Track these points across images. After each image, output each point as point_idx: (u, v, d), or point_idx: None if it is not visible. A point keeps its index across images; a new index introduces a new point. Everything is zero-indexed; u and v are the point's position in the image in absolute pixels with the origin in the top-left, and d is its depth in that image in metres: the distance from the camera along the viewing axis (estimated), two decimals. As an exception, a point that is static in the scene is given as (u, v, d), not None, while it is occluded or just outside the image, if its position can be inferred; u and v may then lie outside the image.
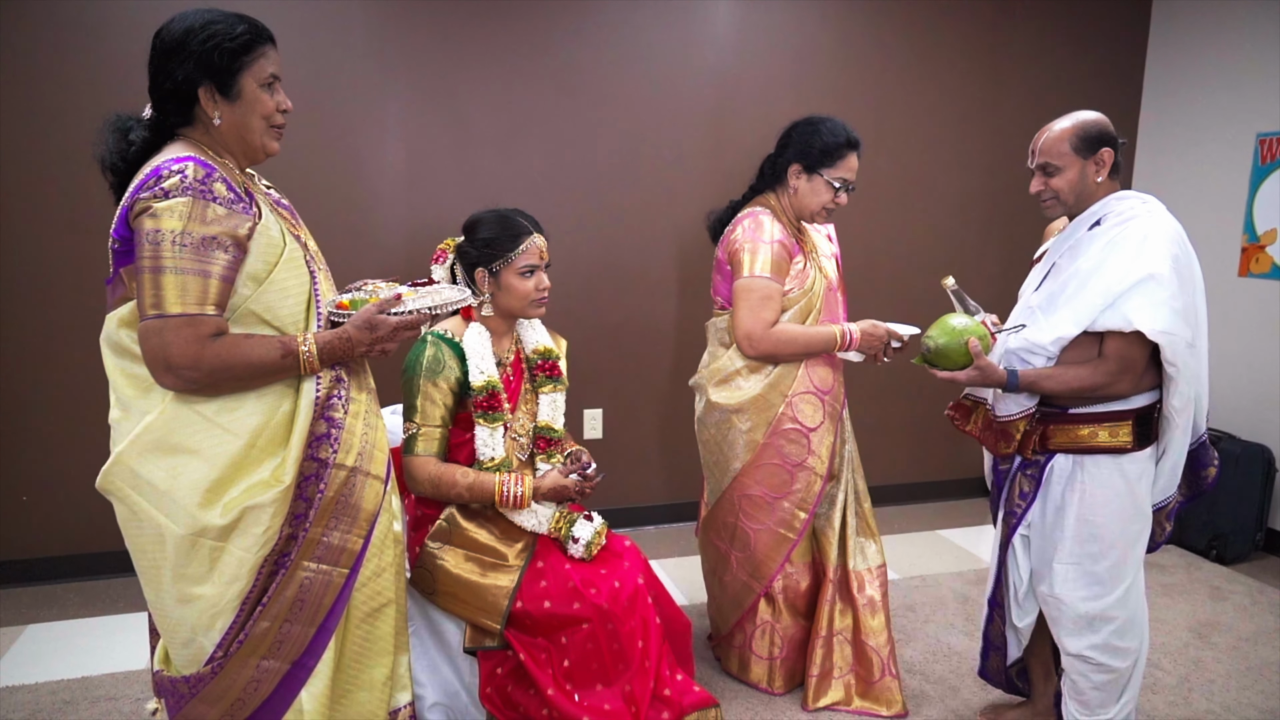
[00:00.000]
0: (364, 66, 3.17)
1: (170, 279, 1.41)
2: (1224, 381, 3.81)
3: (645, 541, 3.58)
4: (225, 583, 1.50)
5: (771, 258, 2.27)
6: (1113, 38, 4.09)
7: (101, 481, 1.50)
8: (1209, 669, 2.70)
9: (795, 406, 2.33)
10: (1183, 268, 1.91)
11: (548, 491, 2.06)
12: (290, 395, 1.56)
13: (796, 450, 2.35)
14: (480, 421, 2.02)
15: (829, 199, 2.32)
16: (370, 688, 1.70)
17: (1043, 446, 2.04)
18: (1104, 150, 1.95)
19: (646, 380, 3.71)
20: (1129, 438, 1.95)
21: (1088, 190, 1.99)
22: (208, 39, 1.47)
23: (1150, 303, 1.84)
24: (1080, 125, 1.96)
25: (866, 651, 2.42)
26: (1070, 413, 1.99)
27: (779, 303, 2.30)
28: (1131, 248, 1.89)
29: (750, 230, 2.31)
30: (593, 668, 1.97)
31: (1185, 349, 1.87)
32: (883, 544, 2.53)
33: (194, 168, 1.44)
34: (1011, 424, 2.03)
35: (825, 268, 2.41)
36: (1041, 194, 2.02)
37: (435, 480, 2.00)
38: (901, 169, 3.85)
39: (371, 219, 3.27)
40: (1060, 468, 2.02)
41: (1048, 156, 1.98)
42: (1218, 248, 3.81)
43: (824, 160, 2.29)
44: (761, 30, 3.60)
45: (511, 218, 2.08)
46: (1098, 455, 1.97)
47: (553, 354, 2.21)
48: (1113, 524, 1.97)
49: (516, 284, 2.06)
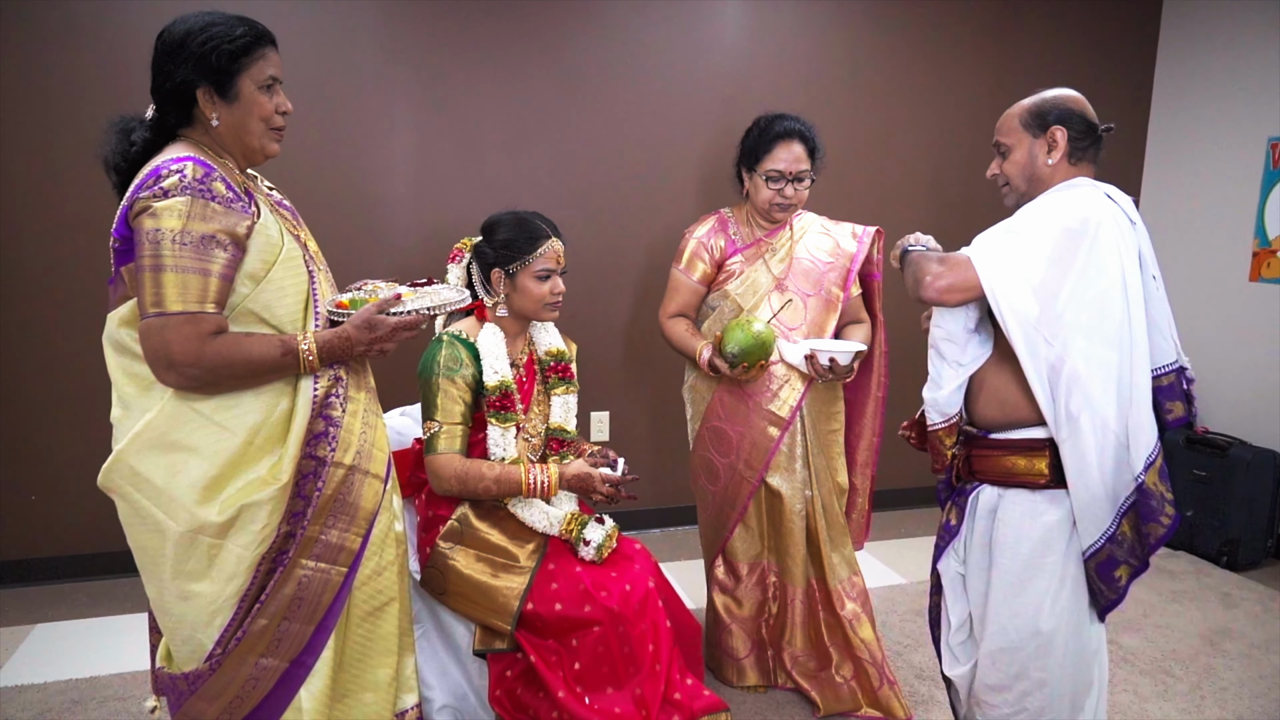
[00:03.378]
0: (373, 69, 3.18)
1: (170, 277, 1.42)
2: (1234, 386, 3.79)
3: (653, 545, 3.57)
4: (224, 580, 1.51)
5: (687, 252, 2.44)
6: (1123, 40, 4.08)
7: (102, 479, 1.51)
8: (1221, 676, 2.68)
9: (723, 402, 2.42)
10: (1074, 245, 1.59)
11: (572, 479, 2.04)
12: (288, 393, 1.57)
13: (720, 447, 2.44)
14: (493, 421, 2.03)
15: (770, 194, 2.33)
16: (376, 688, 1.70)
17: (968, 473, 1.82)
18: (1055, 129, 1.70)
19: (653, 383, 3.70)
20: (1044, 469, 1.69)
21: (1038, 174, 1.74)
22: (206, 40, 1.48)
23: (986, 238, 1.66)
24: (1038, 100, 1.74)
25: (862, 665, 2.40)
26: (990, 437, 1.76)
27: (682, 295, 2.46)
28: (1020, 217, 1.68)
29: (689, 227, 2.49)
30: (603, 671, 1.97)
31: (1014, 304, 1.60)
32: (854, 555, 2.49)
33: (193, 167, 1.45)
34: (937, 435, 1.81)
35: (774, 270, 2.38)
36: (997, 178, 1.82)
37: (462, 476, 1.99)
38: (909, 172, 3.84)
39: (380, 220, 3.28)
40: (986, 498, 1.78)
41: (1001, 134, 1.79)
42: (1229, 253, 3.79)
43: (756, 156, 2.35)
44: (770, 33, 3.59)
45: (530, 221, 2.09)
46: (1018, 489, 1.73)
47: (565, 356, 2.21)
48: (1014, 571, 1.71)
49: (532, 287, 2.07)
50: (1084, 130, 1.71)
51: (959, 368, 1.76)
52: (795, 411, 2.37)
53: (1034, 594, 1.71)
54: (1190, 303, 3.91)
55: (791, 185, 2.33)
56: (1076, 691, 1.75)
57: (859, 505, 2.58)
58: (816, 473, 2.42)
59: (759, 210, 2.40)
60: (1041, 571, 1.70)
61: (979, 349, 1.75)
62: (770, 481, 2.40)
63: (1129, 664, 2.74)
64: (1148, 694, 2.58)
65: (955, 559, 1.87)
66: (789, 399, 2.36)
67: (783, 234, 2.43)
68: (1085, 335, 1.59)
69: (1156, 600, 3.17)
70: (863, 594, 2.47)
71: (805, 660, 2.48)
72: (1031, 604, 1.71)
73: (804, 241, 2.43)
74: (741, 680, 2.54)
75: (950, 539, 1.86)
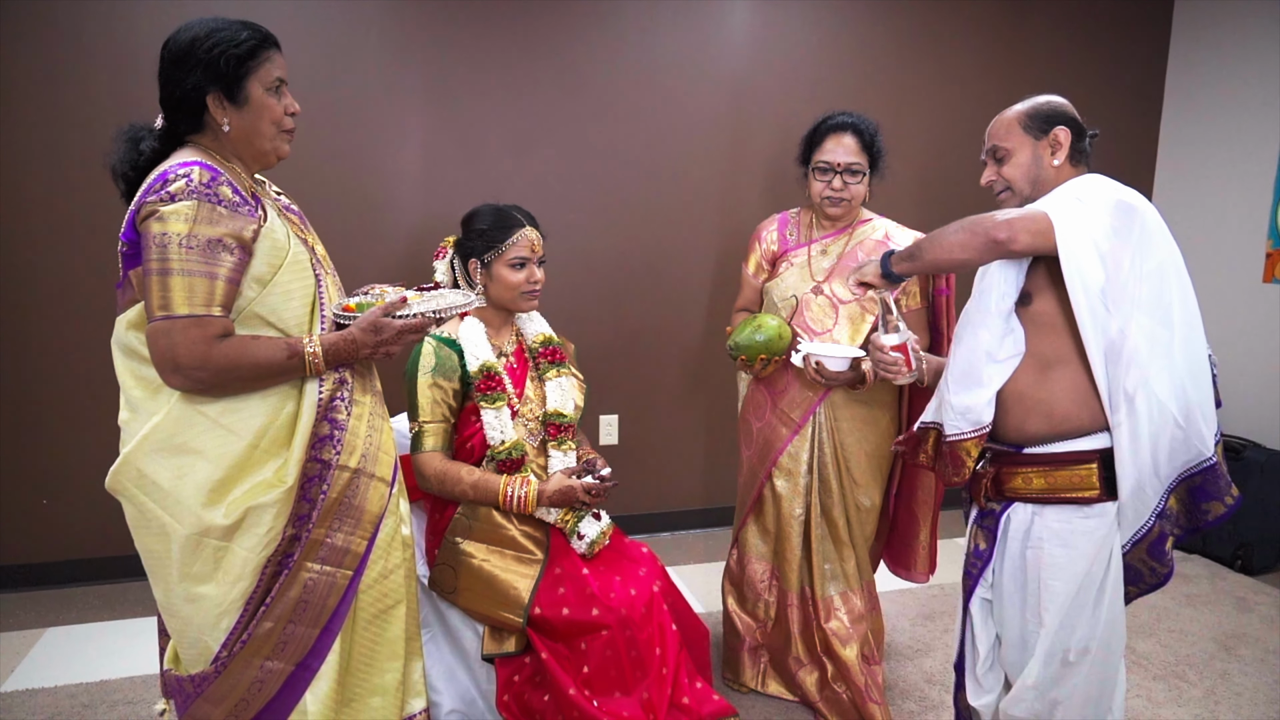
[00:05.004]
0: (380, 72, 3.19)
1: (177, 281, 1.43)
2: (1248, 388, 3.76)
3: (662, 548, 3.56)
4: (230, 582, 1.51)
5: (749, 249, 2.50)
6: (1134, 41, 4.05)
7: (110, 482, 1.52)
8: (1236, 682, 2.65)
9: (753, 396, 2.48)
10: (1130, 219, 1.58)
11: (554, 495, 2.05)
12: (294, 396, 1.58)
13: (745, 437, 2.50)
14: (484, 405, 2.05)
15: (820, 186, 2.31)
16: (383, 692, 1.70)
17: (997, 493, 1.73)
18: (1058, 129, 1.70)
19: (663, 386, 3.70)
20: (1095, 484, 1.62)
21: (1043, 176, 1.72)
22: (213, 46, 1.49)
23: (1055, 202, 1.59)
24: (1032, 104, 1.75)
25: (851, 677, 2.36)
26: (1025, 452, 1.68)
27: (744, 289, 2.52)
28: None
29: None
30: (611, 675, 1.96)
31: (1083, 268, 1.54)
32: (857, 573, 2.42)
33: (199, 171, 1.46)
34: (961, 446, 1.70)
35: (816, 271, 2.36)
36: (994, 184, 1.78)
37: (440, 476, 2.02)
38: (918, 173, 3.83)
39: (387, 223, 3.29)
40: (1018, 520, 1.69)
41: (997, 140, 1.76)
42: (1242, 253, 3.76)
43: (810, 150, 2.35)
44: (778, 35, 3.59)
45: (506, 210, 2.13)
46: (1059, 506, 1.65)
47: (554, 340, 2.24)
48: (1070, 594, 1.64)
49: (507, 275, 2.09)
50: (1079, 132, 1.72)
51: (994, 364, 1.67)
52: (808, 415, 2.34)
53: (1099, 612, 1.65)
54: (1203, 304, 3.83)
55: (841, 178, 2.28)
56: (1104, 694, 1.73)
57: (920, 538, 2.50)
58: (824, 482, 2.37)
59: (816, 207, 2.38)
60: (1104, 588, 1.65)
61: (1013, 347, 1.67)
62: (773, 480, 2.40)
63: (1143, 669, 2.71)
64: (1161, 699, 2.55)
65: (983, 585, 1.77)
66: (802, 402, 2.35)
67: (842, 237, 2.38)
68: (1146, 312, 1.57)
69: (1170, 605, 3.14)
70: (860, 614, 2.41)
71: (809, 669, 2.46)
72: (1092, 623, 1.66)
73: (861, 245, 2.35)
74: (739, 677, 2.55)
75: (984, 566, 1.75)
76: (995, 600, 1.77)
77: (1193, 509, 1.65)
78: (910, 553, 2.52)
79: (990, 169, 1.78)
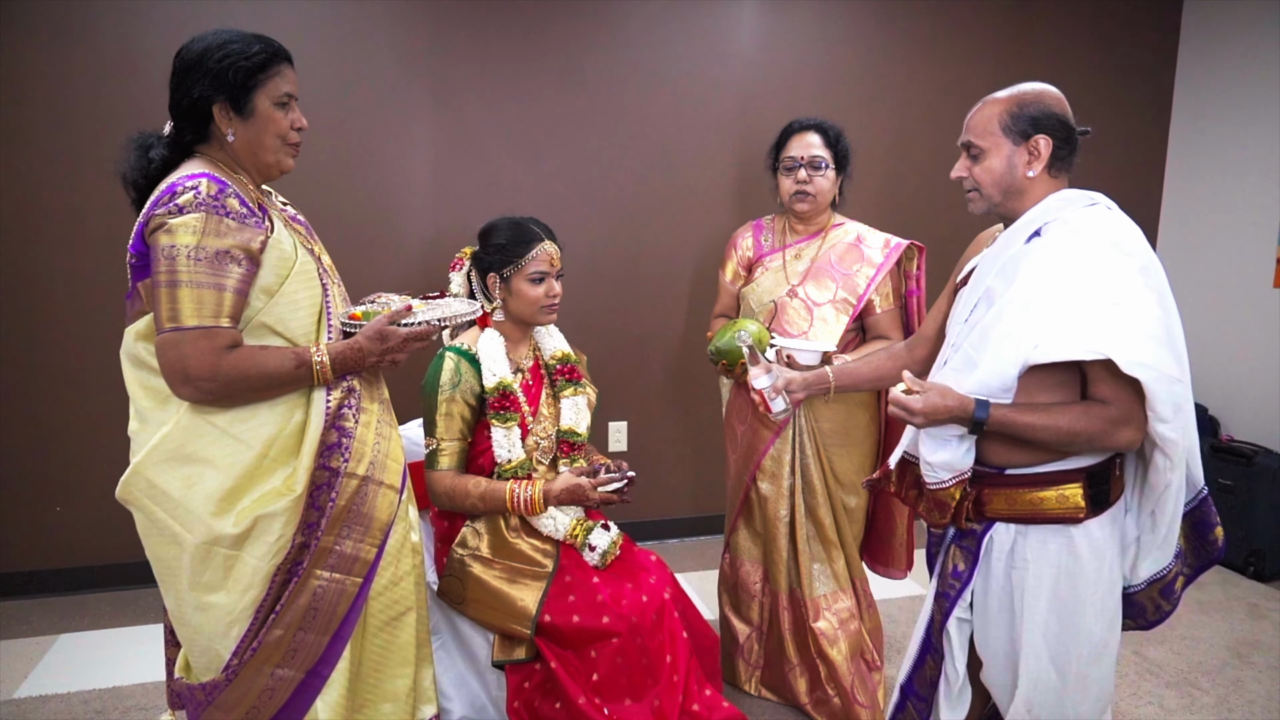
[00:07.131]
0: (387, 81, 3.21)
1: (186, 292, 1.44)
2: (1259, 394, 3.73)
3: (671, 555, 3.56)
4: (240, 590, 1.52)
5: (726, 255, 2.55)
6: (1143, 45, 4.04)
7: (120, 492, 1.53)
8: (1249, 689, 2.63)
9: (736, 400, 2.53)
10: (1155, 283, 1.49)
11: (560, 493, 2.04)
12: (302, 405, 1.59)
13: (730, 441, 2.53)
14: (495, 423, 2.04)
15: (789, 183, 2.35)
16: (394, 699, 1.71)
17: (978, 513, 1.62)
18: (1039, 138, 1.55)
19: (671, 393, 3.70)
20: (1080, 502, 1.53)
21: (1016, 185, 1.58)
22: (223, 58, 1.51)
23: (1122, 328, 1.43)
24: (1018, 98, 1.57)
25: (839, 677, 2.37)
26: (1007, 473, 1.58)
27: (721, 295, 2.57)
28: (1085, 262, 1.48)
29: None
30: (621, 682, 1.96)
31: (1172, 386, 1.43)
32: (847, 573, 2.43)
33: (207, 183, 1.47)
34: (943, 493, 1.60)
35: (791, 274, 2.37)
36: (964, 181, 1.64)
37: (450, 492, 2.03)
38: (925, 178, 3.82)
39: (394, 232, 3.31)
40: (1000, 540, 1.60)
41: (974, 135, 1.60)
42: (1252, 259, 3.74)
43: (777, 152, 2.40)
44: (785, 40, 3.59)
45: (524, 224, 2.11)
46: (1042, 525, 1.56)
47: (571, 358, 2.23)
48: (1058, 614, 1.56)
49: (526, 290, 2.08)
50: (1065, 138, 1.57)
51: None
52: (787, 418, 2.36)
53: (1089, 633, 1.57)
54: (1213, 310, 3.86)
55: (806, 170, 2.32)
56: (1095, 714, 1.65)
57: (898, 534, 2.49)
58: (808, 483, 2.39)
59: (786, 207, 2.41)
60: (1095, 608, 1.57)
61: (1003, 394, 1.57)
62: (757, 483, 2.42)
63: (1155, 676, 2.69)
64: (1173, 706, 2.54)
65: (961, 606, 1.67)
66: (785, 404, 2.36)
67: (815, 241, 2.41)
68: (1182, 357, 1.50)
69: (1182, 611, 3.12)
70: (851, 614, 2.42)
71: (800, 671, 2.46)
72: (1083, 643, 1.57)
73: (833, 248, 2.38)
74: (734, 680, 2.56)
75: (963, 587, 1.65)
76: (978, 621, 1.66)
77: (1199, 544, 1.64)
78: (888, 549, 2.52)
79: (963, 163, 1.64)
